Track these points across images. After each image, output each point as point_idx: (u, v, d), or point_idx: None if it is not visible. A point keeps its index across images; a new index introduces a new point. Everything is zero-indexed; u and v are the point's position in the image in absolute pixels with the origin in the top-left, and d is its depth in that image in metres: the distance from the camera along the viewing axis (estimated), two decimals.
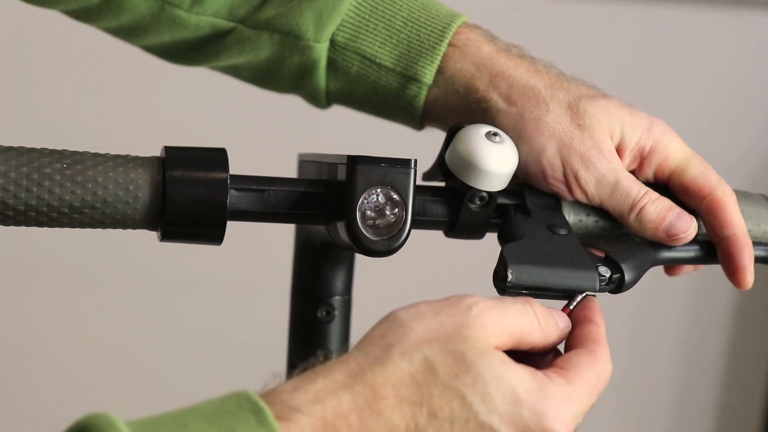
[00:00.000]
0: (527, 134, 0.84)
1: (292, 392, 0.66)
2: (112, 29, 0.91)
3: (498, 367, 0.67)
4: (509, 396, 0.67)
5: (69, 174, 0.76)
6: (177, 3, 0.88)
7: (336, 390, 0.66)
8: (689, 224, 0.83)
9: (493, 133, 0.82)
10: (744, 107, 2.01)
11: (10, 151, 0.76)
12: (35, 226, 0.78)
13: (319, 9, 0.87)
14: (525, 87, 0.86)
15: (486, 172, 0.81)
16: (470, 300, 0.70)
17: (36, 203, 0.76)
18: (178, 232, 0.79)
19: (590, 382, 0.70)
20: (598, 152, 0.84)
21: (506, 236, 0.82)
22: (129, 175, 0.77)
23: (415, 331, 0.68)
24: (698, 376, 2.11)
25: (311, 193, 0.82)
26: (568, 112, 0.85)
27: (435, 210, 0.84)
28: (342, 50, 0.88)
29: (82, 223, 0.78)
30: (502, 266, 0.77)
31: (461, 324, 0.68)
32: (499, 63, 0.87)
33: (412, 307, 0.70)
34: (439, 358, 0.67)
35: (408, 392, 0.67)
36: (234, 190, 0.80)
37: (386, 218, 0.79)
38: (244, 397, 0.65)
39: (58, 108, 1.92)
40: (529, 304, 0.72)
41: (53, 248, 1.96)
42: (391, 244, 0.79)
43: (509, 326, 0.70)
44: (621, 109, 0.85)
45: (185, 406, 0.66)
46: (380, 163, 0.79)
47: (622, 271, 0.80)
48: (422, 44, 0.88)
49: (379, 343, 0.68)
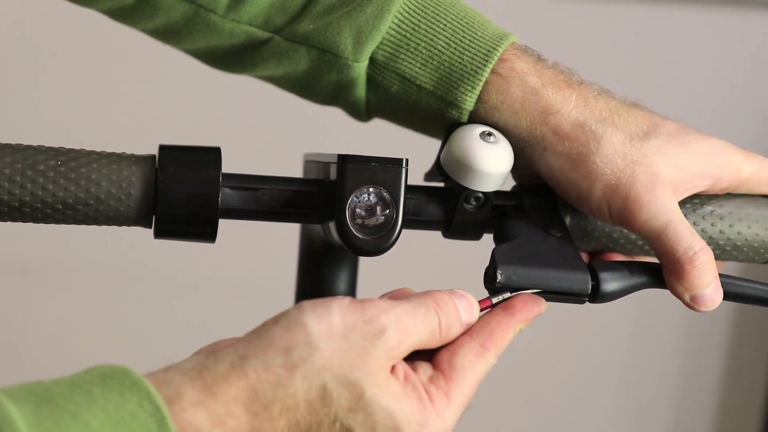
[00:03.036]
0: (575, 176, 0.82)
1: (195, 408, 0.66)
2: (147, 31, 0.89)
3: (390, 405, 0.69)
4: (392, 429, 0.70)
5: (63, 171, 0.77)
6: (212, 8, 0.85)
7: (237, 412, 0.67)
8: (718, 301, 0.81)
9: (487, 133, 0.82)
10: (744, 107, 2.01)
11: (5, 148, 0.77)
12: (30, 222, 0.79)
13: (359, 27, 0.83)
14: (574, 125, 0.82)
15: (480, 173, 0.81)
16: (384, 321, 0.70)
17: (30, 199, 0.77)
18: (171, 229, 0.79)
19: (471, 389, 0.73)
20: (649, 193, 0.81)
21: (501, 237, 0.82)
22: (122, 173, 0.78)
23: (321, 353, 0.69)
24: (698, 376, 2.11)
25: (304, 192, 0.82)
26: (618, 152, 0.81)
27: (431, 210, 0.84)
28: (382, 69, 0.85)
29: (76, 219, 0.79)
30: (492, 267, 0.77)
31: (368, 352, 0.70)
32: (545, 97, 0.82)
33: (323, 316, 0.70)
34: (338, 390, 0.69)
35: (301, 417, 0.68)
36: (227, 188, 0.80)
37: (377, 218, 0.79)
38: (145, 397, 0.65)
39: (57, 106, 1.92)
40: (437, 314, 0.73)
41: (53, 248, 1.97)
42: (382, 243, 0.79)
43: (412, 342, 0.71)
44: (674, 146, 0.83)
45: (77, 387, 0.65)
46: (371, 162, 0.79)
47: (599, 280, 0.78)
48: (464, 68, 0.83)
49: (282, 360, 0.68)
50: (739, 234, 0.86)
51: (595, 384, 2.10)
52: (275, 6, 0.85)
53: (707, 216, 0.85)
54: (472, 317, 0.75)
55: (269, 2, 0.85)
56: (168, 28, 0.87)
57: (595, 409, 2.11)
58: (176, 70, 1.81)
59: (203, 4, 0.85)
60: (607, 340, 2.09)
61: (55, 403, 0.64)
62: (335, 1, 0.84)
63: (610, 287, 0.79)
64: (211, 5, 0.85)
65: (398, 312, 0.71)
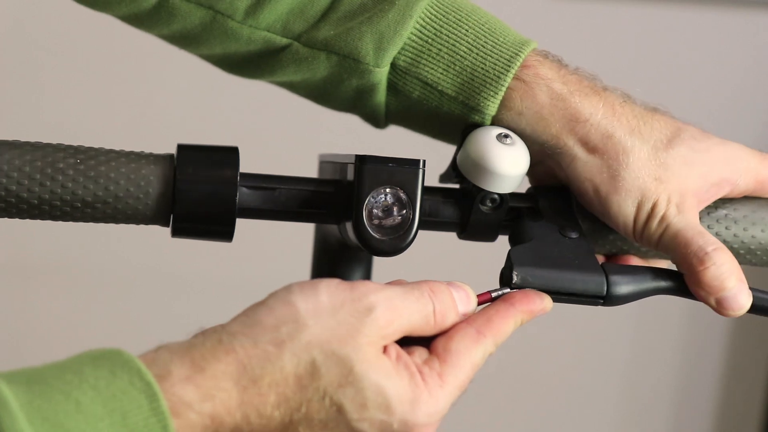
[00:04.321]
0: (604, 190, 0.82)
1: (184, 383, 0.67)
2: (164, 36, 0.88)
3: (381, 381, 0.70)
4: (383, 406, 0.70)
5: (82, 169, 0.78)
6: (230, 14, 0.84)
7: (225, 386, 0.68)
8: (745, 304, 0.80)
9: (504, 135, 0.82)
10: (744, 107, 2.01)
11: (26, 146, 0.78)
12: (49, 220, 0.79)
13: (380, 32, 0.83)
14: (603, 135, 0.82)
15: (496, 174, 0.81)
16: (372, 299, 0.71)
17: (49, 197, 0.77)
18: (189, 228, 0.80)
19: (467, 374, 0.73)
20: (674, 207, 0.82)
21: (517, 239, 0.82)
22: (141, 171, 0.79)
23: (310, 330, 0.69)
24: (698, 376, 2.11)
25: (321, 192, 0.82)
26: (645, 165, 0.82)
27: (446, 212, 0.84)
28: (403, 74, 0.84)
29: (95, 217, 0.80)
30: (507, 268, 0.77)
31: (357, 328, 0.70)
32: (573, 105, 0.82)
33: (311, 295, 0.71)
34: (328, 365, 0.69)
35: (290, 392, 0.69)
36: (244, 187, 0.81)
37: (393, 218, 0.80)
38: (136, 374, 0.66)
39: (74, 106, 1.92)
40: (431, 300, 0.73)
41: (54, 248, 1.96)
42: (398, 243, 0.79)
43: (403, 325, 0.72)
44: (697, 152, 0.83)
45: (68, 368, 0.66)
46: (388, 163, 0.79)
47: (609, 283, 0.78)
48: (487, 73, 0.83)
49: (270, 336, 0.69)
50: (753, 237, 0.86)
51: (596, 384, 2.11)
52: (294, 12, 0.85)
53: (721, 219, 0.86)
54: (469, 308, 0.75)
55: (288, 8, 0.84)
56: (185, 34, 0.86)
57: (595, 409, 2.12)
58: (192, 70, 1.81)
59: (221, 10, 0.84)
60: (608, 341, 2.09)
61: (46, 383, 0.65)
62: (356, 7, 0.84)
63: (620, 290, 0.79)
64: (229, 11, 0.84)
65: (388, 293, 0.72)
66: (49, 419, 0.63)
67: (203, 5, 0.85)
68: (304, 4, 0.84)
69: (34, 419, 0.63)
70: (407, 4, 0.84)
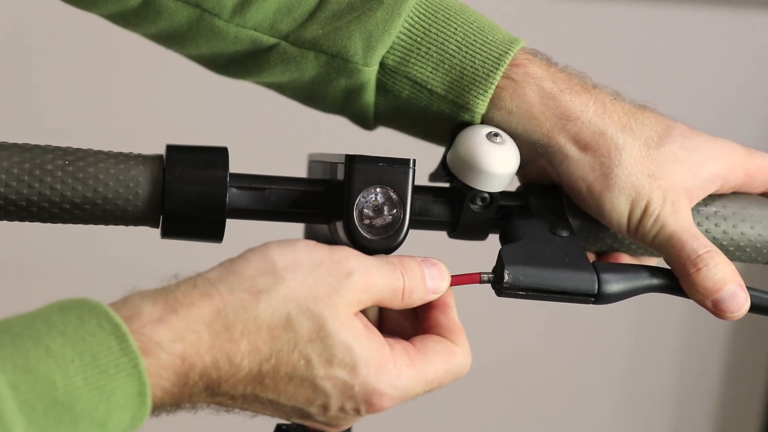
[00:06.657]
0: (598, 188, 0.82)
1: (156, 324, 0.68)
2: (150, 35, 0.88)
3: (350, 341, 0.71)
4: (349, 367, 0.71)
5: (70, 170, 0.77)
6: (216, 12, 0.84)
7: (197, 328, 0.69)
8: (742, 306, 0.80)
9: (494, 133, 0.82)
10: (744, 107, 2.01)
11: (13, 148, 0.77)
12: (38, 222, 0.79)
13: (369, 31, 0.83)
14: (595, 133, 0.82)
15: (486, 173, 0.81)
16: (351, 264, 0.73)
17: (38, 199, 0.77)
18: (178, 229, 0.80)
19: (436, 373, 0.74)
20: (670, 205, 0.82)
21: (507, 237, 0.82)
22: (130, 172, 0.78)
23: (287, 284, 0.71)
24: (698, 376, 2.11)
25: (311, 192, 0.82)
26: (638, 162, 0.82)
27: (437, 210, 0.84)
28: (392, 73, 0.84)
29: (84, 219, 0.79)
30: (499, 267, 0.78)
31: (335, 289, 0.72)
32: (563, 103, 0.82)
33: (289, 250, 0.72)
34: (301, 320, 0.70)
35: (261, 342, 0.70)
36: (234, 188, 0.80)
37: (384, 218, 0.80)
38: (104, 317, 0.67)
39: (63, 107, 1.92)
40: (402, 275, 0.75)
41: (53, 248, 1.97)
42: (389, 243, 0.79)
43: (375, 294, 0.74)
44: (687, 150, 0.83)
45: (36, 317, 0.67)
46: (378, 162, 0.79)
47: (600, 281, 0.78)
48: (476, 71, 0.83)
49: (247, 285, 0.71)
50: (742, 234, 0.86)
51: (596, 384, 2.11)
52: (281, 11, 0.84)
53: (711, 216, 0.86)
54: (440, 286, 0.77)
55: (275, 7, 0.84)
56: (171, 33, 0.86)
57: (595, 409, 2.12)
58: (181, 71, 1.81)
59: (208, 8, 0.84)
60: (608, 341, 2.09)
61: (15, 332, 0.66)
62: (344, 7, 0.84)
63: (611, 288, 0.79)
64: (216, 9, 0.84)
65: (366, 262, 0.74)
66: (19, 366, 0.64)
67: (190, 3, 0.84)
68: (292, 3, 0.84)
69: (5, 366, 0.64)
70: (396, 3, 0.83)
